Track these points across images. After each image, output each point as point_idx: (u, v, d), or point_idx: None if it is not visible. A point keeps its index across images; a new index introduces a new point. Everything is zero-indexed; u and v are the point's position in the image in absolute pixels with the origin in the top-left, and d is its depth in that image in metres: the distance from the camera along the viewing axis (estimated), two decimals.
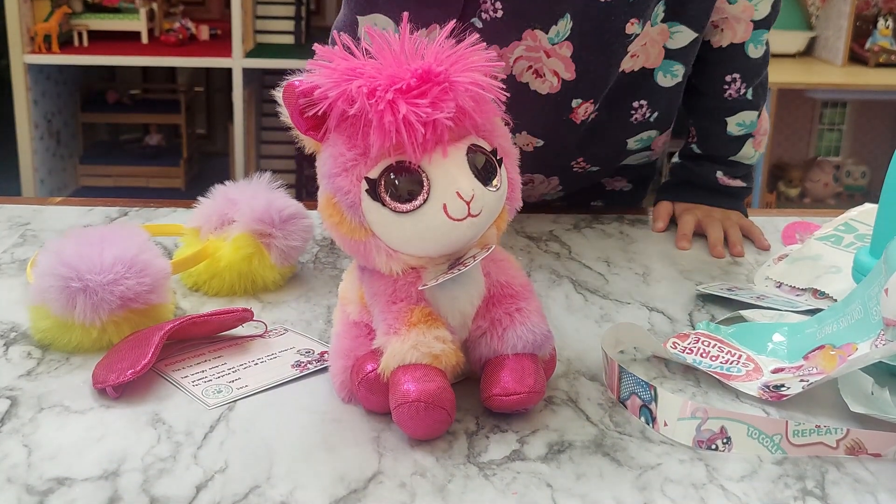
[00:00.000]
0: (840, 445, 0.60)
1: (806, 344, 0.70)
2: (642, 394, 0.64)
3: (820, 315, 0.72)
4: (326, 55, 0.60)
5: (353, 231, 0.61)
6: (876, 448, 0.60)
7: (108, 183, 2.84)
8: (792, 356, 0.70)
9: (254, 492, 0.55)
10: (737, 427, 0.60)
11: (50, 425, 0.61)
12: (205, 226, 0.85)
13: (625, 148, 1.04)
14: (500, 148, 0.63)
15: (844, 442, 0.60)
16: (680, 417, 0.61)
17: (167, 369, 0.68)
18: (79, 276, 0.69)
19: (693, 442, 0.60)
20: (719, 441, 0.60)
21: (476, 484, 0.57)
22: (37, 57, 2.50)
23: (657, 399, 0.62)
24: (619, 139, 1.02)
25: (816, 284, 0.84)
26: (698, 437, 0.60)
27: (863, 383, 0.66)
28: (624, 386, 0.65)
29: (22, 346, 0.72)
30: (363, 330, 0.65)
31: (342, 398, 0.65)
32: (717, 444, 0.60)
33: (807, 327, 0.72)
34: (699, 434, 0.60)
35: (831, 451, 0.60)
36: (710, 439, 0.60)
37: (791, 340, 0.72)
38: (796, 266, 0.87)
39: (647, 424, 0.63)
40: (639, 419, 0.64)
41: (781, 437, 0.59)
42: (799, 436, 0.60)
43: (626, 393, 0.65)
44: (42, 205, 1.03)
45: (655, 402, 0.62)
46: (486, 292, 0.64)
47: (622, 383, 0.65)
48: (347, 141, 0.60)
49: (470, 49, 0.61)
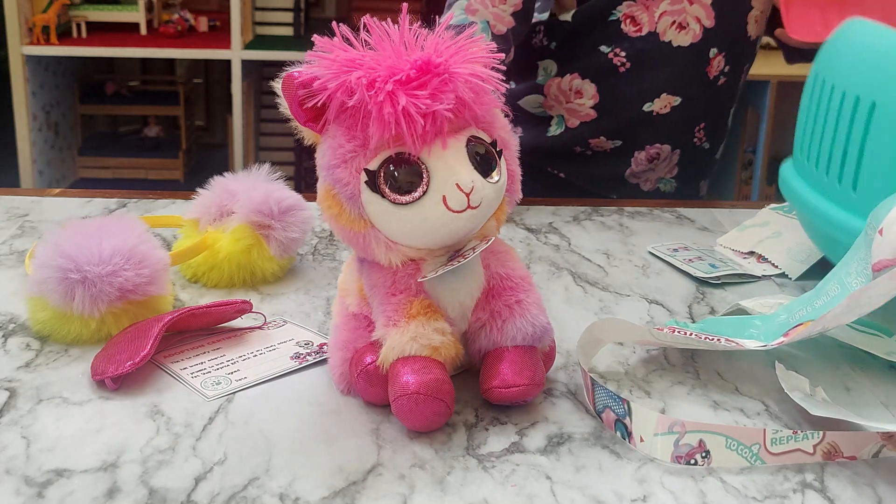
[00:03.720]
0: (817, 451, 0.59)
1: (782, 329, 0.70)
2: (616, 408, 0.62)
3: (789, 305, 0.72)
4: (325, 46, 0.59)
5: (352, 223, 0.61)
6: (851, 451, 0.59)
7: (107, 174, 2.84)
8: (769, 338, 0.69)
9: (253, 483, 0.55)
10: (715, 439, 0.59)
11: (49, 417, 0.61)
12: (203, 217, 0.85)
13: (728, 119, 1.23)
14: (500, 139, 0.63)
15: (821, 447, 0.59)
16: (656, 433, 0.59)
17: (166, 361, 0.68)
18: (77, 267, 0.68)
19: (672, 458, 0.59)
20: (698, 455, 0.58)
21: (475, 476, 0.57)
22: (35, 48, 2.49)
23: (631, 414, 0.60)
24: (728, 107, 1.21)
25: (758, 249, 0.92)
26: (676, 452, 0.59)
27: (800, 384, 0.66)
28: (598, 399, 0.63)
29: (20, 337, 0.72)
30: (362, 322, 0.65)
31: (341, 390, 0.65)
32: (695, 459, 0.59)
33: (778, 316, 0.72)
34: (677, 449, 0.59)
35: (809, 457, 0.59)
36: (688, 454, 0.59)
37: (766, 327, 0.72)
38: (746, 232, 0.96)
39: (624, 439, 0.61)
40: (615, 433, 0.62)
41: (759, 446, 0.59)
42: (777, 444, 0.59)
43: (601, 406, 0.63)
44: (40, 196, 1.03)
45: (630, 417, 0.60)
46: (486, 284, 0.64)
47: (596, 395, 0.63)
48: (347, 132, 0.60)
49: (470, 40, 0.60)
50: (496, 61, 0.61)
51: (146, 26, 2.66)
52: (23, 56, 2.48)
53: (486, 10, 1.05)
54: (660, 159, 1.19)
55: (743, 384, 0.68)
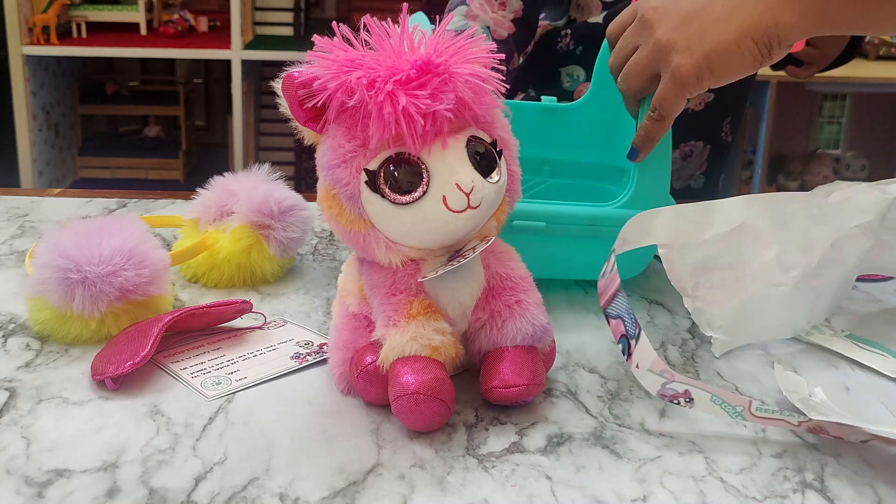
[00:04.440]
0: (802, 425, 0.61)
1: None
2: (628, 325, 0.64)
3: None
4: (325, 46, 0.59)
5: (352, 223, 0.61)
6: (838, 433, 0.60)
7: (107, 174, 2.84)
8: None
9: (253, 483, 0.55)
10: (701, 393, 0.61)
11: (49, 417, 0.61)
12: (203, 217, 0.85)
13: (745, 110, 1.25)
14: (500, 139, 0.63)
15: (807, 424, 0.61)
16: (650, 369, 0.62)
17: (166, 361, 0.68)
18: (77, 267, 0.68)
19: (657, 393, 0.62)
20: (682, 399, 0.61)
21: (475, 476, 0.57)
22: (35, 48, 2.49)
23: (639, 339, 0.63)
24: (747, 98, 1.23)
25: None
26: (662, 391, 0.62)
27: (798, 385, 0.66)
28: (615, 304, 0.65)
29: (20, 337, 0.72)
30: (362, 322, 0.65)
31: (341, 390, 0.65)
32: (679, 401, 0.61)
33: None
34: (663, 389, 0.61)
35: (793, 427, 0.61)
36: (672, 395, 0.61)
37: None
38: None
39: (623, 354, 0.64)
40: (616, 344, 0.65)
41: (744, 408, 0.61)
42: (761, 411, 0.61)
43: (614, 312, 0.65)
44: (40, 196, 1.03)
45: (636, 341, 0.63)
46: (486, 284, 0.64)
47: (615, 301, 0.65)
48: (347, 132, 0.60)
49: (469, 40, 0.60)
50: (496, 61, 0.61)
51: (146, 26, 2.66)
52: (23, 56, 2.48)
53: (486, 16, 1.05)
54: (693, 156, 1.20)
55: (743, 384, 0.68)
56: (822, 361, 0.72)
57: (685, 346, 0.74)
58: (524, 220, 0.76)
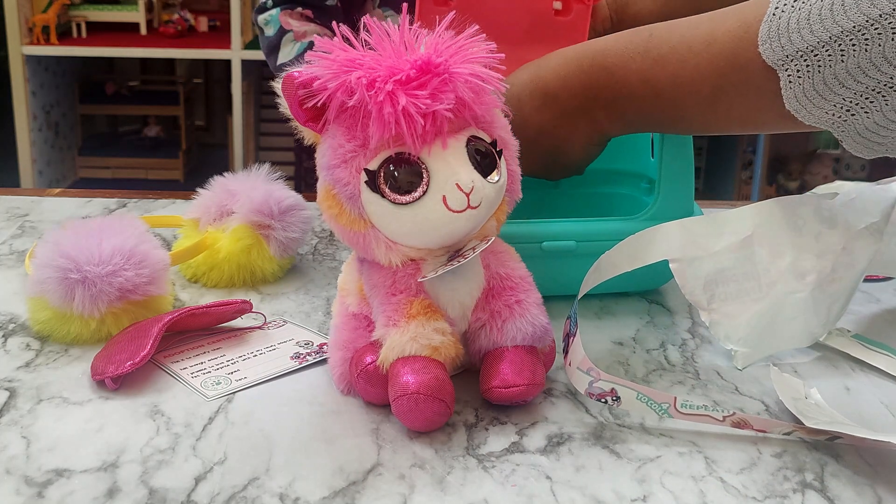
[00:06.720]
0: (726, 420, 0.61)
1: None
2: (571, 324, 0.65)
3: None
4: (325, 46, 0.59)
5: (352, 223, 0.61)
6: (762, 426, 0.61)
7: (107, 174, 2.84)
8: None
9: (253, 483, 0.55)
10: (626, 391, 0.61)
11: (48, 417, 0.61)
12: (203, 217, 0.85)
13: None
14: (500, 139, 0.63)
15: (731, 419, 0.61)
16: (578, 367, 0.62)
17: (166, 361, 0.68)
18: (77, 267, 0.68)
19: (585, 392, 0.62)
20: (609, 398, 0.62)
21: (475, 476, 0.57)
22: (35, 48, 2.49)
23: (575, 337, 0.64)
24: None
25: None
26: (590, 389, 0.62)
27: (794, 388, 0.66)
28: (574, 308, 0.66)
29: (20, 337, 0.72)
30: (362, 322, 0.65)
31: (341, 390, 0.65)
32: (606, 400, 0.62)
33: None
34: (591, 388, 0.62)
35: (717, 422, 0.61)
36: (600, 395, 0.62)
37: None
38: None
39: (561, 353, 0.66)
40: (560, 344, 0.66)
41: (669, 405, 0.61)
42: (686, 407, 0.61)
43: (571, 314, 0.66)
44: (40, 196, 1.03)
45: (573, 339, 0.64)
46: (486, 284, 0.64)
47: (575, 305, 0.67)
48: (347, 132, 0.60)
49: (470, 40, 0.60)
50: (496, 61, 0.61)
51: (146, 26, 2.66)
52: (23, 56, 2.48)
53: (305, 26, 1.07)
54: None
55: (743, 384, 0.68)
56: (822, 361, 0.72)
57: (685, 346, 0.74)
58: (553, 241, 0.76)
